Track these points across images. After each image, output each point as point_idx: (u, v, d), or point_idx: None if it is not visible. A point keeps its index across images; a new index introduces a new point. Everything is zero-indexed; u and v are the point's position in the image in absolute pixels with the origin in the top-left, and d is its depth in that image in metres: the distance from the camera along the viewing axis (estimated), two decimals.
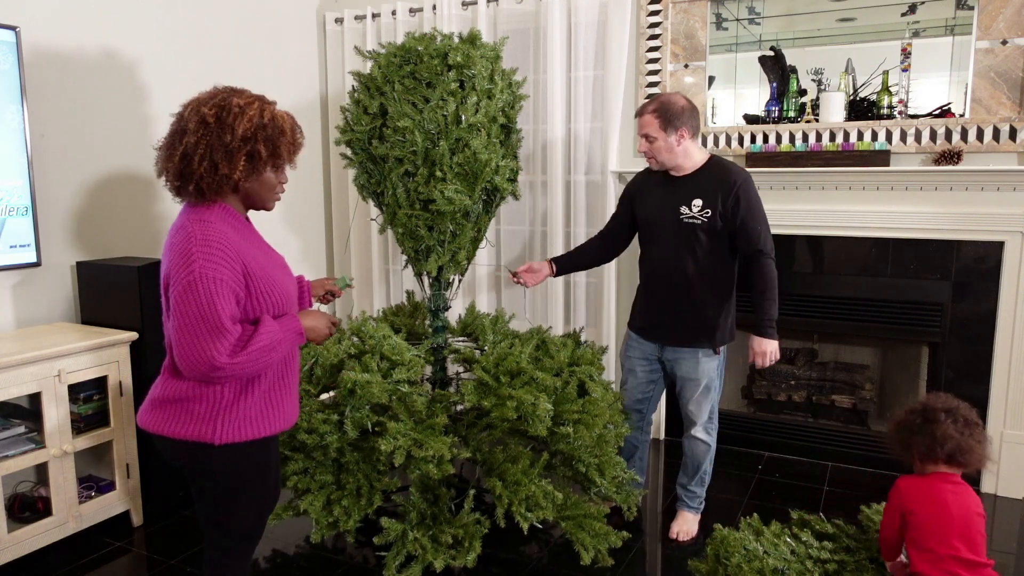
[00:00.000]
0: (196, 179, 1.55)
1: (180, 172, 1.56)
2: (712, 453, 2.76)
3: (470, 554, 2.35)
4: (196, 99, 1.60)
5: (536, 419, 2.34)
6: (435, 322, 2.83)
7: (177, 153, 1.55)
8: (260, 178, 1.62)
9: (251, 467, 1.68)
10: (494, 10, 3.74)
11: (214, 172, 1.54)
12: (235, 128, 1.54)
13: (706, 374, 2.64)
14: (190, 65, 3.46)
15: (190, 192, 1.57)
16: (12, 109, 2.67)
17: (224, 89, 1.62)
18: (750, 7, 3.48)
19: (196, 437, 1.59)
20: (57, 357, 2.53)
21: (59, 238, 2.95)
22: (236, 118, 1.54)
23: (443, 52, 2.51)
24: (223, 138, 1.54)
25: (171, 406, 1.62)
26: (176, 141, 1.57)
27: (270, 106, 1.62)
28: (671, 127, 2.46)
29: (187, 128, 1.55)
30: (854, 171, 3.11)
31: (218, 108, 1.55)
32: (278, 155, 1.61)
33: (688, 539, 2.76)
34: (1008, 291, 3.02)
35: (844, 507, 2.98)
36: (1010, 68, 2.95)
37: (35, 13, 2.83)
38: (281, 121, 1.62)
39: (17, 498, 2.65)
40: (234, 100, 1.57)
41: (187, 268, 1.50)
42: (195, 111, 1.56)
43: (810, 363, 3.77)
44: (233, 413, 1.61)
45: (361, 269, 4.24)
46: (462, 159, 2.52)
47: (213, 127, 1.54)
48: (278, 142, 1.60)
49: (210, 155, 1.54)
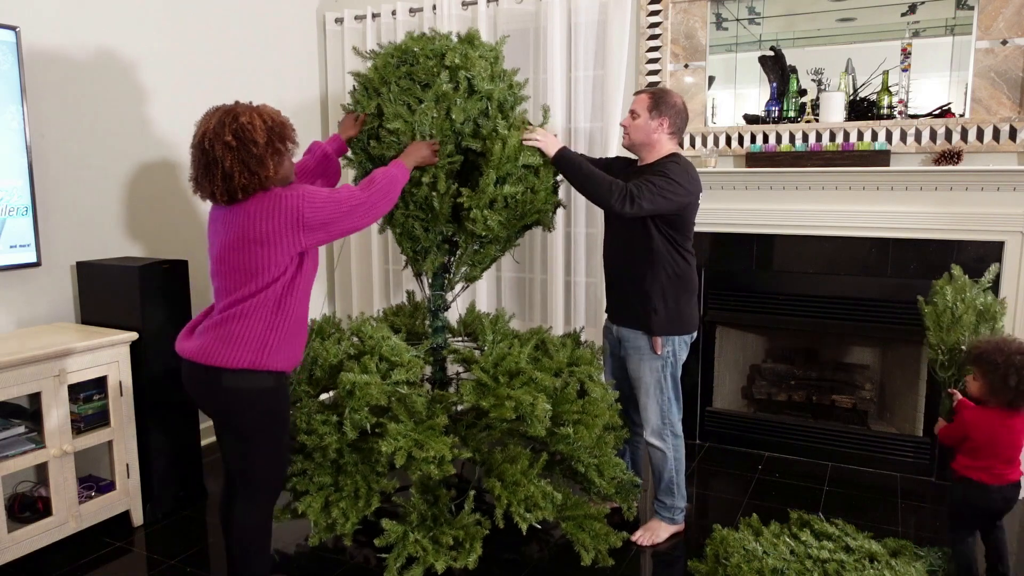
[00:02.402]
0: (241, 188, 1.92)
1: (227, 189, 1.92)
2: (672, 463, 2.67)
3: (471, 555, 2.35)
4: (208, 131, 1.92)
5: (535, 419, 2.34)
6: (435, 322, 2.83)
7: (218, 177, 1.91)
8: (284, 164, 1.99)
9: (277, 404, 2.04)
10: (494, 10, 3.74)
11: (253, 177, 1.91)
12: (257, 141, 1.90)
13: (650, 374, 2.61)
14: (190, 65, 3.46)
15: (240, 198, 1.94)
16: (12, 109, 2.67)
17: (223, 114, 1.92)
18: (750, 7, 3.48)
19: (244, 364, 1.94)
20: (57, 357, 2.53)
21: (59, 238, 2.95)
22: (251, 133, 1.90)
23: (440, 52, 2.51)
24: (252, 151, 1.90)
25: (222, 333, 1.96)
26: (212, 169, 1.91)
27: (260, 109, 1.96)
28: (656, 111, 2.54)
29: (216, 156, 1.90)
30: (854, 171, 3.11)
31: (235, 131, 1.90)
32: (292, 141, 2.00)
33: (648, 544, 2.69)
34: (1008, 291, 3.01)
35: (844, 507, 2.98)
36: (1010, 68, 2.95)
37: (35, 13, 2.83)
38: (277, 117, 1.97)
39: (17, 498, 2.65)
40: (242, 120, 1.90)
41: (297, 197, 1.94)
42: (217, 141, 1.90)
43: (810, 363, 3.77)
44: (272, 344, 1.97)
45: (361, 269, 4.24)
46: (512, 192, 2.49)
47: (238, 148, 1.89)
48: (286, 133, 1.98)
49: (246, 168, 1.90)
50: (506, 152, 2.44)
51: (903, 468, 3.31)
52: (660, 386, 2.62)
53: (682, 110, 2.57)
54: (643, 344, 2.61)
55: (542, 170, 2.57)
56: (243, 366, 1.94)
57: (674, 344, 2.61)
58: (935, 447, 3.24)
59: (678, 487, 2.71)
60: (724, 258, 3.50)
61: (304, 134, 3.95)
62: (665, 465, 2.68)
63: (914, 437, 3.32)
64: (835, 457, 3.44)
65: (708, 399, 3.68)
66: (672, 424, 2.66)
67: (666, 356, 2.60)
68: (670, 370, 2.62)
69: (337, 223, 2.02)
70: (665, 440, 2.66)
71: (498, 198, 2.48)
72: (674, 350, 2.61)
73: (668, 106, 2.53)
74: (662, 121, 2.53)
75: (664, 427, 2.65)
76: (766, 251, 3.42)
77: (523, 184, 2.52)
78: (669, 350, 2.60)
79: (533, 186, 2.56)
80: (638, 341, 2.62)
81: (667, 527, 2.74)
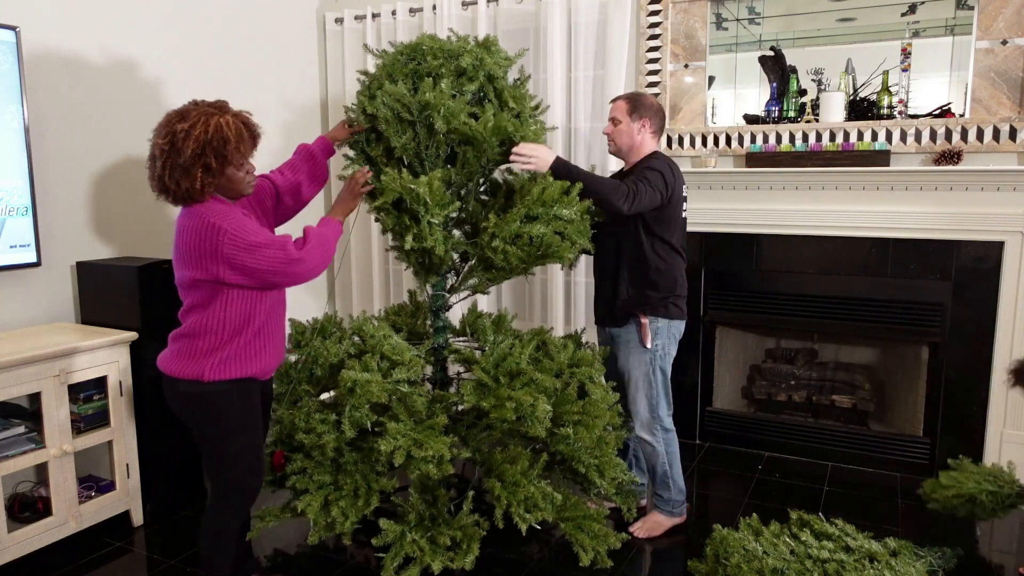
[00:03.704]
0: (172, 192, 1.90)
1: (160, 188, 1.91)
2: (663, 456, 2.70)
3: (468, 556, 2.34)
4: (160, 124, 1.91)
5: (535, 420, 2.34)
6: (436, 322, 2.83)
7: (155, 175, 1.91)
8: (223, 178, 1.92)
9: (238, 409, 2.02)
10: (494, 10, 3.74)
11: (179, 187, 1.88)
12: (184, 150, 1.85)
13: (639, 367, 2.65)
14: (190, 65, 3.46)
15: (170, 200, 1.92)
16: (12, 109, 2.67)
17: (176, 113, 1.90)
18: (750, 7, 3.48)
19: (191, 375, 1.95)
20: (57, 357, 2.53)
21: (59, 238, 2.95)
22: (183, 141, 1.85)
23: (456, 53, 2.49)
24: (177, 160, 1.86)
25: (177, 344, 2.00)
26: (153, 164, 1.91)
27: (216, 117, 1.88)
28: (636, 114, 2.63)
29: (155, 154, 1.90)
30: (854, 171, 3.11)
31: (170, 135, 1.86)
32: (228, 160, 1.89)
33: (644, 536, 2.74)
34: (1008, 291, 3.02)
35: (844, 507, 2.98)
36: (1010, 68, 2.95)
37: (35, 13, 2.83)
38: (225, 130, 1.88)
39: (17, 498, 2.65)
40: (179, 126, 1.85)
41: (220, 231, 1.86)
42: (157, 137, 1.89)
43: (810, 363, 3.77)
44: (223, 354, 1.96)
45: (362, 269, 4.25)
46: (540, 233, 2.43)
47: (169, 152, 1.86)
48: (224, 150, 1.88)
49: (173, 174, 1.87)
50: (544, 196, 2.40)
51: (903, 468, 3.31)
52: (648, 380, 2.66)
53: (659, 109, 2.68)
54: (632, 338, 2.66)
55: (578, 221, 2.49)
56: (187, 377, 1.97)
57: (663, 337, 2.65)
58: (935, 447, 3.25)
59: (673, 480, 2.75)
60: (724, 258, 3.50)
61: (304, 134, 3.96)
62: (656, 459, 2.72)
63: (914, 437, 3.32)
64: (835, 457, 3.44)
65: (708, 399, 3.68)
66: (661, 419, 2.69)
67: (654, 349, 2.64)
68: (659, 363, 2.66)
69: (263, 274, 1.93)
70: (655, 434, 2.70)
71: (524, 235, 2.43)
72: (663, 343, 2.65)
73: (646, 107, 2.63)
74: (643, 122, 2.63)
75: (653, 421, 2.69)
76: (766, 251, 3.42)
77: (553, 227, 2.45)
78: (657, 343, 2.64)
79: (564, 231, 2.48)
80: (628, 335, 2.68)
81: (666, 520, 2.78)
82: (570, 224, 2.47)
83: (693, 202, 3.43)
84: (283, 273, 1.95)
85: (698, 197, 3.42)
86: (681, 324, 2.70)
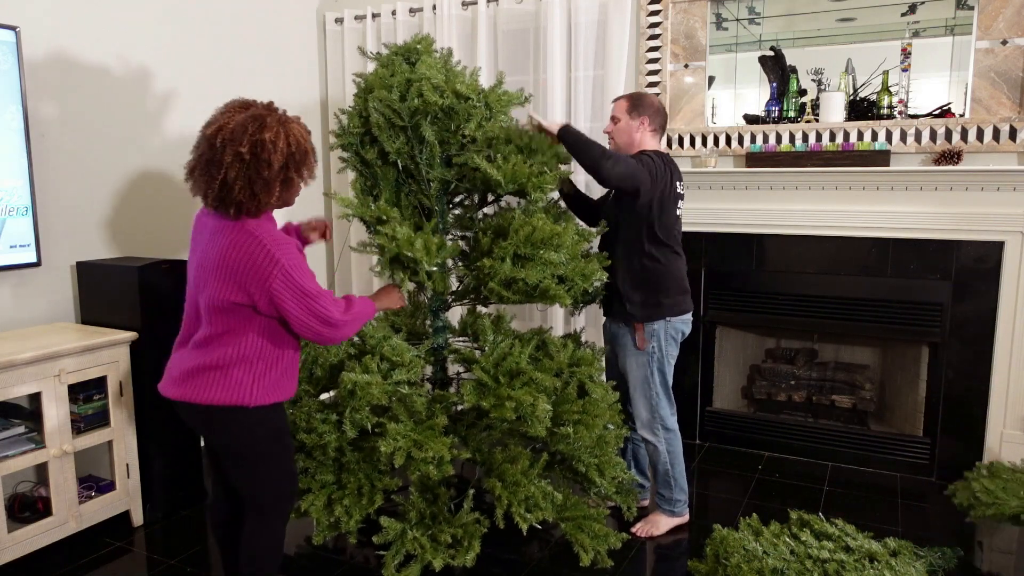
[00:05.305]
0: (236, 203, 1.75)
1: (221, 197, 1.75)
2: (664, 456, 2.72)
3: (469, 553, 2.35)
4: (224, 128, 1.73)
5: (535, 420, 2.34)
6: (436, 322, 2.83)
7: (216, 182, 1.73)
8: (292, 192, 1.84)
9: (275, 428, 1.95)
10: (494, 10, 3.74)
11: (253, 199, 1.74)
12: (272, 164, 1.73)
13: (637, 369, 2.68)
14: (190, 65, 3.46)
15: (231, 212, 1.77)
16: (12, 109, 2.67)
17: (249, 119, 1.73)
18: (750, 7, 3.48)
19: (235, 401, 1.84)
20: (57, 357, 2.53)
21: (59, 238, 2.95)
22: (271, 154, 1.72)
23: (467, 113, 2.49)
24: (261, 173, 1.73)
25: (211, 373, 1.84)
26: (213, 170, 1.73)
27: (292, 125, 1.78)
28: (635, 112, 2.67)
29: (223, 160, 1.72)
30: (854, 171, 3.11)
31: (255, 145, 1.71)
32: (305, 174, 1.83)
33: (645, 536, 2.76)
34: (1008, 291, 3.02)
35: (844, 507, 2.98)
36: (1010, 68, 2.95)
37: (35, 13, 2.83)
38: (304, 143, 1.80)
39: (17, 498, 2.65)
40: (265, 136, 1.71)
41: (276, 264, 1.75)
42: (230, 145, 1.71)
43: (810, 363, 3.77)
44: (264, 380, 1.87)
45: (361, 269, 4.24)
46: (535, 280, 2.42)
47: (250, 163, 1.72)
48: (304, 164, 1.81)
49: (250, 187, 1.73)
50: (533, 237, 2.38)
51: (903, 468, 3.31)
52: (647, 381, 2.67)
53: (660, 108, 2.70)
54: (628, 342, 2.69)
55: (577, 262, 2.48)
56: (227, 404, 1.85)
57: (659, 339, 2.64)
58: (935, 447, 3.25)
59: (675, 480, 2.76)
60: (724, 258, 3.50)
61: None
62: (658, 458, 2.73)
63: (914, 437, 3.32)
64: (835, 457, 3.44)
65: (708, 399, 3.68)
66: (663, 419, 2.70)
67: (651, 351, 2.65)
68: (656, 365, 2.66)
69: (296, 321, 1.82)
70: (656, 434, 2.71)
71: (518, 280, 2.41)
72: (660, 345, 2.65)
73: (646, 105, 2.67)
74: (642, 120, 2.66)
75: (654, 421, 2.70)
76: (766, 251, 3.42)
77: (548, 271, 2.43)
78: (654, 345, 2.64)
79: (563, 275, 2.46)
80: (624, 338, 2.70)
81: (667, 519, 2.80)
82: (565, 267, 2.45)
83: (694, 202, 3.43)
84: (313, 330, 1.85)
85: (698, 197, 3.42)
86: (681, 322, 2.68)
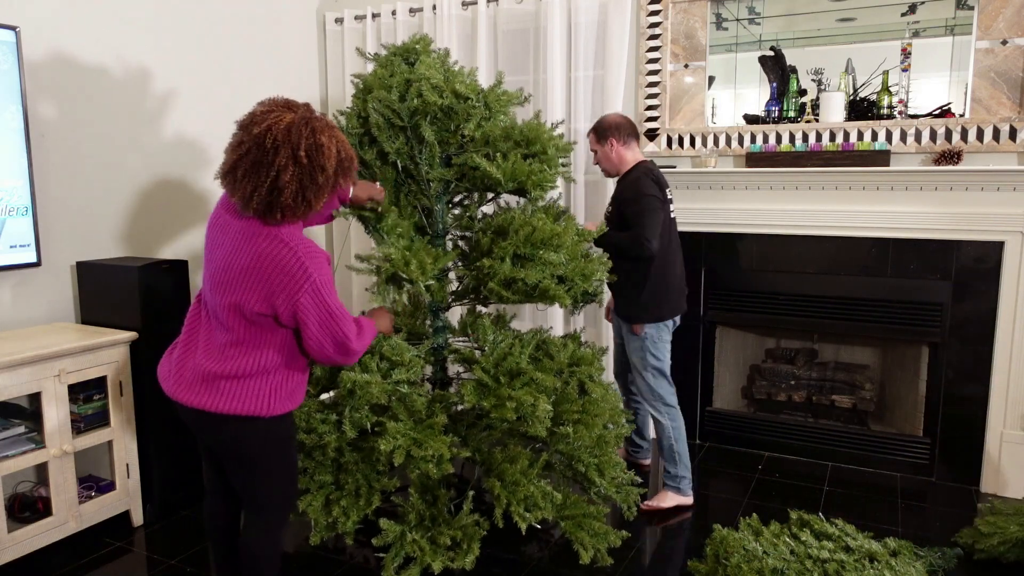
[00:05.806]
0: (283, 207, 1.67)
1: (269, 201, 1.66)
2: (669, 431, 2.93)
3: (468, 556, 2.35)
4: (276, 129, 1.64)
5: (535, 420, 2.34)
6: (435, 322, 2.83)
7: (265, 185, 1.64)
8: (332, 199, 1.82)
9: (285, 436, 1.95)
10: (494, 10, 3.74)
11: (303, 203, 1.69)
12: (326, 168, 1.67)
13: (636, 352, 2.95)
14: (190, 65, 3.46)
15: (276, 217, 1.70)
16: (12, 109, 2.67)
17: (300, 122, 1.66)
18: (750, 7, 3.48)
19: (251, 412, 1.81)
20: (57, 357, 2.53)
21: (59, 238, 2.95)
22: (326, 158, 1.67)
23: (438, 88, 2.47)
24: (316, 178, 1.67)
25: (230, 382, 1.80)
26: (262, 172, 1.64)
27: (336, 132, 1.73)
28: (601, 139, 2.92)
29: (275, 162, 1.63)
30: (854, 171, 3.11)
31: (310, 148, 1.65)
32: (353, 180, 1.80)
33: (648, 508, 2.93)
34: (1008, 291, 3.01)
35: (844, 507, 2.98)
36: (1010, 68, 2.95)
37: (35, 13, 2.83)
38: (349, 149, 1.75)
39: (17, 498, 2.65)
40: (321, 139, 1.66)
41: (308, 278, 1.71)
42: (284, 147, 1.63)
43: (810, 363, 3.77)
44: (281, 391, 1.86)
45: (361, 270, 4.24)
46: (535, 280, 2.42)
47: (306, 167, 1.65)
48: (351, 171, 1.77)
49: (302, 191, 1.67)
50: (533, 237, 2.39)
51: (903, 468, 3.31)
52: (644, 363, 2.93)
53: (619, 122, 2.90)
54: (628, 329, 2.97)
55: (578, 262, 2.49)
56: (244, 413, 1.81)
57: (651, 329, 2.91)
58: (935, 447, 3.25)
59: (679, 455, 2.95)
60: (724, 258, 3.50)
61: None
62: (663, 432, 2.95)
63: (914, 437, 3.32)
64: (835, 457, 3.44)
65: (708, 399, 3.68)
66: (662, 396, 2.94)
67: (643, 337, 2.91)
68: (650, 349, 2.92)
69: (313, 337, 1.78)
70: (658, 410, 2.95)
71: (518, 280, 2.42)
72: (652, 333, 2.91)
73: (605, 128, 2.90)
74: (610, 142, 2.89)
75: (655, 399, 2.95)
76: (766, 251, 3.42)
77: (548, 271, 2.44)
78: (646, 333, 2.90)
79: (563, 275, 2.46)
80: (626, 325, 2.99)
81: (673, 496, 2.97)
82: (565, 267, 2.46)
83: (694, 202, 3.44)
84: (325, 352, 1.81)
85: (698, 197, 3.42)
86: (670, 320, 2.94)
